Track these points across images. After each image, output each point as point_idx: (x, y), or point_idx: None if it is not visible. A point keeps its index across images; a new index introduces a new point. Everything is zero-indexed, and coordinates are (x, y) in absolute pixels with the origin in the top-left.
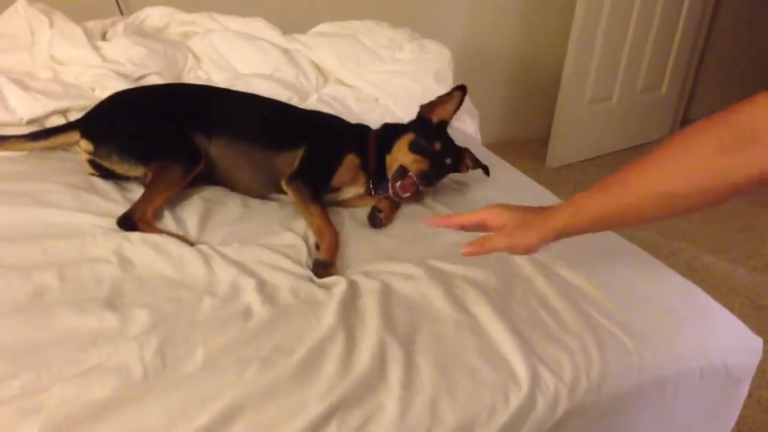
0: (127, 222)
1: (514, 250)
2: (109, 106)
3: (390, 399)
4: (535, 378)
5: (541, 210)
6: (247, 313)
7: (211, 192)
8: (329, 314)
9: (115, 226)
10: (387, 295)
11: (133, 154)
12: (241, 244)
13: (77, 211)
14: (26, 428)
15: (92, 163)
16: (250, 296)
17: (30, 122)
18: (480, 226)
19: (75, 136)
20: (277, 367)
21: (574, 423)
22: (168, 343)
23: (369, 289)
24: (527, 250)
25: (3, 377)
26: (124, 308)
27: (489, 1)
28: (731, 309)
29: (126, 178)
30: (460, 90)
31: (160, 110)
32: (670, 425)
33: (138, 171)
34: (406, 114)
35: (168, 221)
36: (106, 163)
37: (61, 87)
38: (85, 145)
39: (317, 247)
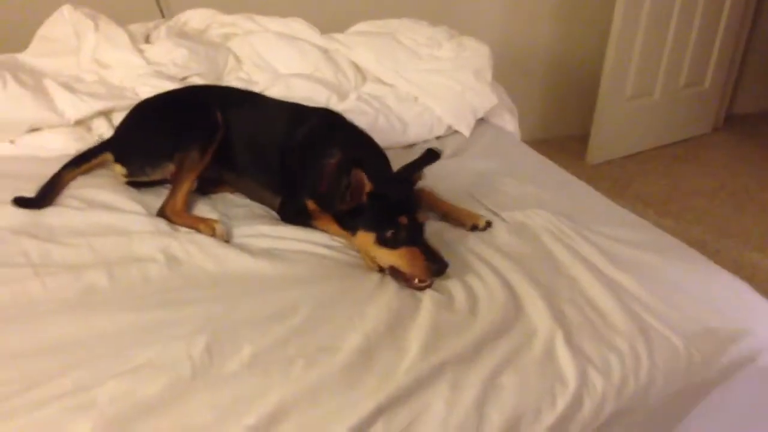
0: (162, 216)
1: None
2: (129, 121)
3: (436, 398)
4: (582, 378)
5: None
6: (293, 309)
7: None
8: (374, 313)
9: (162, 224)
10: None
11: (160, 157)
12: (279, 238)
13: (122, 210)
14: (78, 424)
15: (132, 183)
16: (296, 293)
17: (77, 123)
18: None
19: (109, 156)
20: (323, 366)
21: (622, 422)
22: (215, 341)
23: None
24: None
25: (55, 374)
26: (172, 306)
27: None
28: None
29: (165, 181)
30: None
31: (178, 105)
32: (719, 424)
33: (171, 169)
34: (446, 112)
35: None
36: (143, 178)
37: (106, 89)
38: (120, 169)
39: None
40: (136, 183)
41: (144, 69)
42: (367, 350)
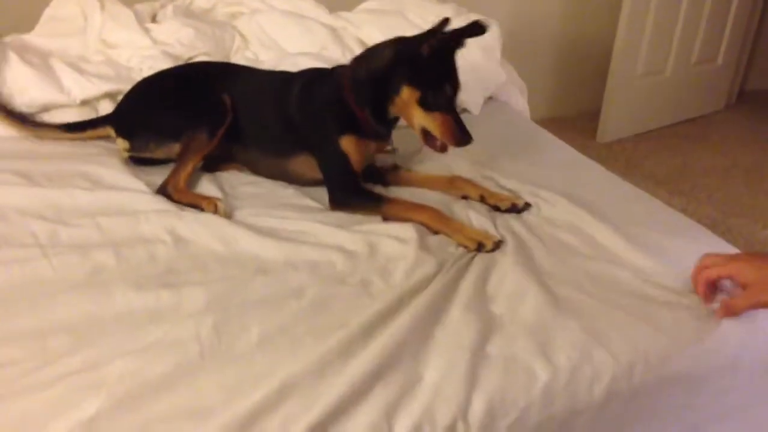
0: (163, 193)
1: (757, 308)
2: (133, 96)
3: (429, 369)
4: (586, 355)
5: None
6: (300, 290)
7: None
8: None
9: (168, 204)
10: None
11: (167, 136)
12: (291, 219)
13: (129, 189)
14: (87, 402)
15: (132, 158)
16: (303, 274)
17: (83, 103)
18: (727, 278)
19: (108, 131)
20: (330, 342)
21: (624, 403)
22: (223, 320)
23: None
24: None
25: (64, 353)
26: (180, 286)
27: None
28: None
29: (169, 160)
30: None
31: (181, 83)
32: (726, 401)
33: (176, 149)
34: None
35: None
36: (146, 154)
37: (113, 69)
38: (122, 143)
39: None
40: (137, 160)
41: (150, 49)
42: (373, 328)
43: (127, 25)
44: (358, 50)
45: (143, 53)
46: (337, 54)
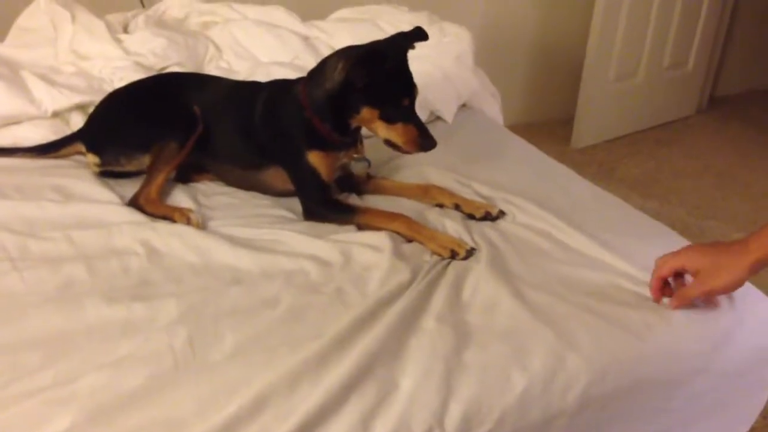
0: (134, 205)
1: (711, 295)
2: (102, 110)
3: (404, 376)
4: (560, 361)
5: (731, 247)
6: (275, 300)
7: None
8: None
9: (140, 216)
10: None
11: (137, 149)
12: (266, 228)
13: (101, 201)
14: (59, 418)
15: (104, 173)
16: (278, 284)
17: (54, 114)
18: (678, 271)
19: (80, 147)
20: (304, 353)
21: (598, 408)
22: (197, 332)
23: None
24: (723, 291)
25: (35, 368)
26: (153, 298)
27: None
28: (765, 288)
29: (140, 173)
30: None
31: (150, 94)
32: (700, 403)
33: (147, 161)
34: (427, 99)
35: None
36: (117, 168)
37: (85, 81)
38: (92, 158)
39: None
40: (110, 173)
41: (122, 60)
42: (348, 337)
43: (99, 35)
44: None
45: (115, 64)
46: (310, 63)
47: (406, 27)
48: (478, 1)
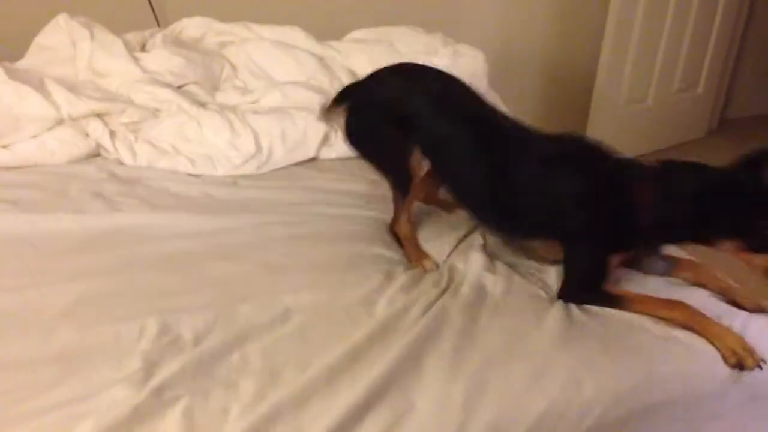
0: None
1: None
2: None
3: (420, 396)
4: (578, 386)
5: None
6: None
7: None
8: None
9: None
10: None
11: None
12: None
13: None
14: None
15: None
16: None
17: (74, 122)
18: None
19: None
20: (313, 369)
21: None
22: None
23: None
24: None
25: (54, 383)
26: (168, 313)
27: (521, 3)
28: None
29: None
30: None
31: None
32: (718, 426)
33: None
34: None
35: None
36: None
37: (102, 94)
38: None
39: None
40: None
41: (140, 77)
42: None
43: (117, 53)
44: (346, 79)
45: (133, 82)
46: (325, 83)
47: (422, 49)
48: (490, 23)
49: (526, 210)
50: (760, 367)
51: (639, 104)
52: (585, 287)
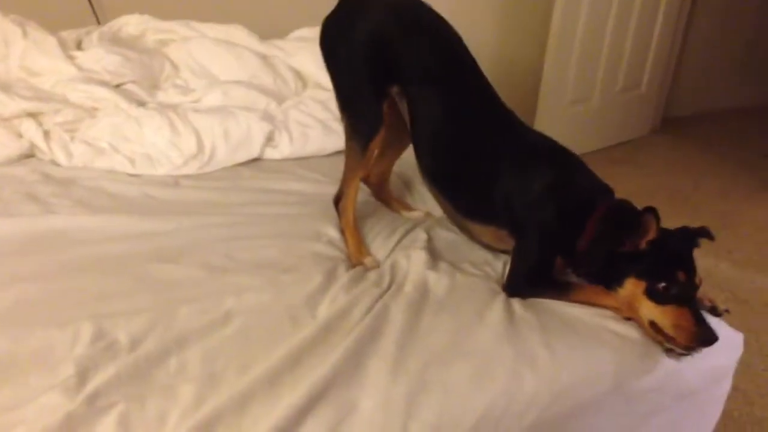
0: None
1: None
2: None
3: (364, 398)
4: (519, 381)
5: None
6: (227, 317)
7: None
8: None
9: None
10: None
11: None
12: None
13: None
14: None
15: None
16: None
17: (4, 119)
18: None
19: None
20: (254, 372)
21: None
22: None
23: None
24: None
25: None
26: (104, 318)
27: (467, 4)
28: None
29: None
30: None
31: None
32: (655, 422)
33: None
34: None
35: None
36: None
37: (35, 93)
38: None
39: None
40: None
41: (75, 76)
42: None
43: (50, 52)
44: (290, 78)
45: (67, 81)
46: (267, 81)
47: None
48: None
49: (489, 191)
50: (687, 351)
51: (584, 103)
52: (531, 280)
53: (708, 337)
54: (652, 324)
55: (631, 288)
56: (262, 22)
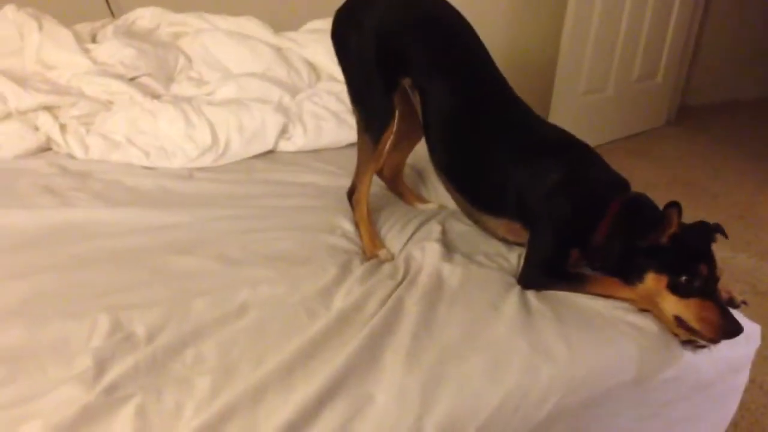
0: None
1: None
2: None
3: (379, 391)
4: (536, 373)
5: None
6: (242, 309)
7: None
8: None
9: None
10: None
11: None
12: None
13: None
14: None
15: None
16: (246, 293)
17: (20, 112)
18: None
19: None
20: (268, 364)
21: (573, 417)
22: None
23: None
24: None
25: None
26: (120, 310)
27: None
28: None
29: None
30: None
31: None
32: (672, 414)
33: None
34: None
35: None
36: None
37: (51, 87)
38: None
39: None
40: None
41: (90, 69)
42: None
43: (66, 45)
44: (303, 70)
45: (82, 74)
46: (281, 74)
47: None
48: None
49: (503, 184)
50: (712, 343)
51: (599, 94)
52: (546, 272)
53: (733, 329)
54: (678, 319)
55: (652, 282)
56: (275, 14)
